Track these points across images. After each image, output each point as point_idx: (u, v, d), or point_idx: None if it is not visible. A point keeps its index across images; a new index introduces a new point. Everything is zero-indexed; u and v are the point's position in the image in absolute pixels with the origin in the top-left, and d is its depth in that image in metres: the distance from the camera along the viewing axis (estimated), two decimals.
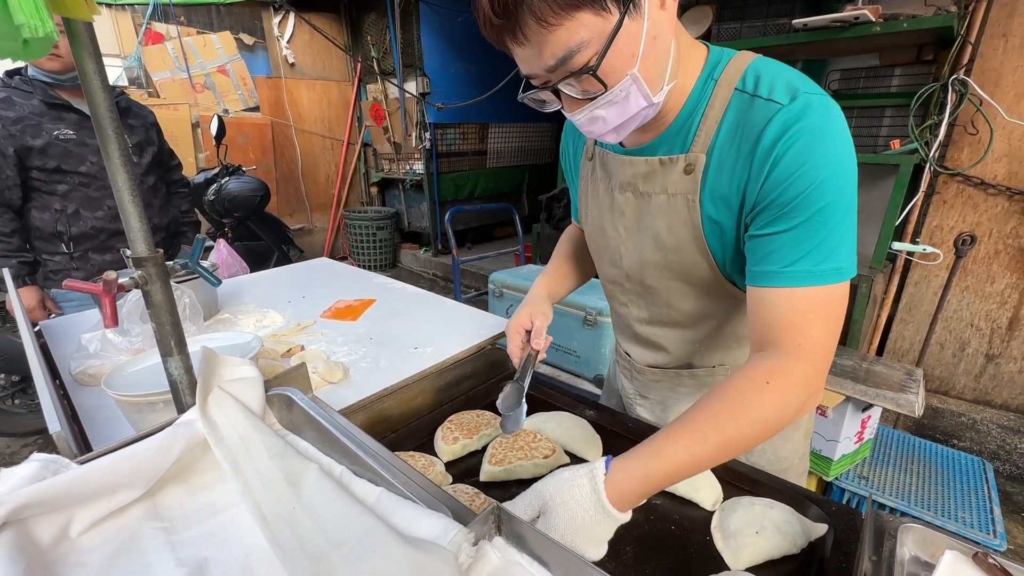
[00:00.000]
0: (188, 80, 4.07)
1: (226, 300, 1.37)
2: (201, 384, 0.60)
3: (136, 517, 0.51)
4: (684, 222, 0.71)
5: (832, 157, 0.58)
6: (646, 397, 0.96)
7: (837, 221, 0.60)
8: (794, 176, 0.59)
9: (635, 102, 0.62)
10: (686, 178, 0.69)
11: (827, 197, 0.58)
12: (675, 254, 0.74)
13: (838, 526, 0.68)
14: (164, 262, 0.55)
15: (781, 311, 0.61)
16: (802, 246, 0.60)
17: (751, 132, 0.62)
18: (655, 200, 0.73)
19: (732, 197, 0.66)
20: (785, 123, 0.59)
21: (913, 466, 1.75)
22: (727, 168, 0.65)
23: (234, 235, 3.30)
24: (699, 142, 0.67)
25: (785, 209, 0.60)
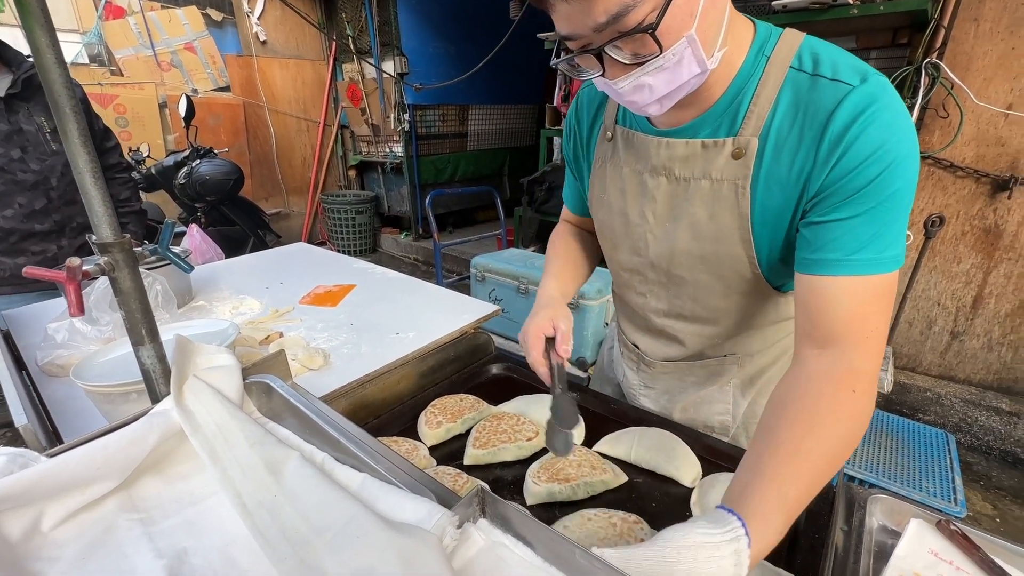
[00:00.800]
0: (153, 58, 3.89)
1: (201, 287, 1.34)
2: (175, 373, 0.59)
3: (111, 509, 0.50)
4: (730, 210, 0.66)
5: (906, 140, 0.55)
6: (651, 388, 0.94)
7: (903, 207, 0.57)
8: (868, 160, 0.55)
9: (688, 68, 0.56)
10: (735, 163, 0.64)
11: (897, 182, 0.55)
12: (713, 244, 0.70)
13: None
14: (132, 247, 0.53)
15: (845, 301, 0.58)
16: (867, 233, 0.57)
17: (817, 114, 0.58)
18: (695, 186, 0.68)
19: (791, 184, 0.61)
20: (858, 105, 0.55)
21: (882, 440, 1.82)
22: (787, 153, 0.61)
23: (207, 220, 3.20)
24: (750, 124, 0.62)
25: (855, 195, 0.57)
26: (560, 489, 0.71)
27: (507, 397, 0.95)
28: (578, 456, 0.76)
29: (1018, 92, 1.96)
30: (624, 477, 0.75)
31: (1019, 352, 2.20)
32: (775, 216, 0.64)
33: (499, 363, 1.08)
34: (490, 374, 1.06)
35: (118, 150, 1.86)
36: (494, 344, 1.12)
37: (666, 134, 0.69)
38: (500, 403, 0.94)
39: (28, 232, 1.52)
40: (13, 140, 1.46)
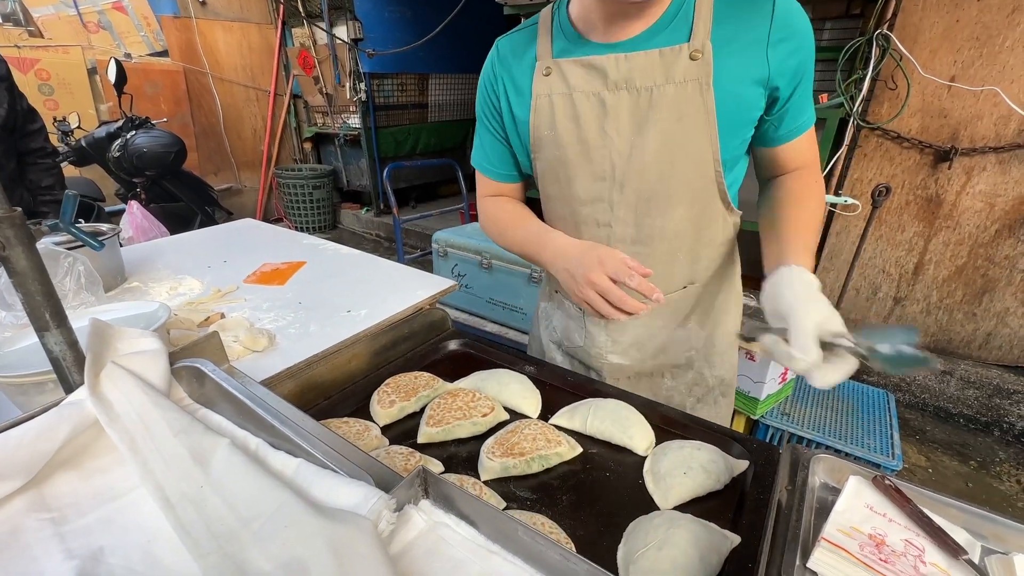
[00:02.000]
0: (78, 18, 3.56)
1: (136, 267, 1.25)
2: (90, 360, 0.54)
3: (18, 509, 0.46)
4: (696, 109, 0.72)
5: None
6: (619, 341, 0.94)
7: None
8: (805, 39, 0.71)
9: None
10: (695, 64, 0.70)
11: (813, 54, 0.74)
12: (682, 147, 0.75)
13: (758, 461, 0.72)
14: (24, 221, 0.47)
15: (805, 146, 0.81)
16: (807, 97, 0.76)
17: (758, 9, 0.70)
18: (659, 92, 0.73)
19: (749, 74, 0.71)
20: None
21: (828, 401, 1.91)
22: (737, 48, 0.71)
23: (148, 196, 3.00)
24: (700, 29, 0.70)
25: (802, 70, 0.73)
26: (515, 463, 0.70)
27: (464, 373, 0.93)
28: (532, 429, 0.75)
29: (960, 65, 2.03)
30: (579, 449, 0.75)
31: (953, 315, 2.34)
32: (736, 107, 0.73)
33: (456, 339, 1.05)
34: (447, 350, 1.04)
35: (43, 134, 1.69)
36: (450, 320, 1.09)
37: (613, 48, 0.74)
38: (457, 380, 0.92)
39: None
40: None
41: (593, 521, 0.64)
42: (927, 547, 0.55)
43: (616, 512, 0.65)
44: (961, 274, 2.27)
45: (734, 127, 0.75)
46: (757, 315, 1.68)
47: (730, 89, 0.71)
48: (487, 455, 0.71)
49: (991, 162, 2.07)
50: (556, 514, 0.64)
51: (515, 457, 0.70)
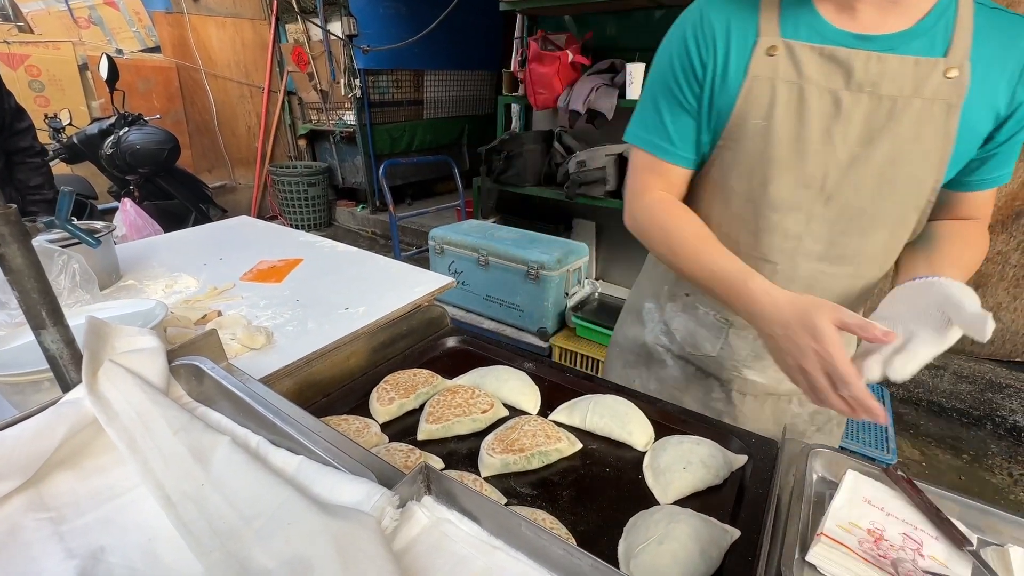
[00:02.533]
0: (68, 13, 3.51)
1: (131, 265, 1.24)
2: (88, 358, 0.54)
3: (17, 509, 0.45)
4: (936, 131, 0.66)
5: None
6: (762, 358, 0.85)
7: None
8: None
9: None
10: (948, 82, 0.63)
11: None
12: (908, 167, 0.68)
13: (756, 456, 0.73)
14: (19, 218, 0.47)
15: (985, 201, 0.76)
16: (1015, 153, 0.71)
17: (1010, 30, 0.64)
18: (904, 104, 0.65)
19: (990, 109, 0.65)
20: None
21: None
22: (998, 74, 0.64)
23: (142, 193, 2.98)
24: (959, 46, 0.63)
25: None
26: (515, 460, 0.70)
27: (463, 370, 0.93)
28: (532, 426, 0.75)
29: None
30: (579, 445, 0.75)
31: None
32: (973, 139, 0.67)
33: (454, 336, 1.05)
34: (445, 347, 1.04)
35: (31, 132, 1.67)
36: (449, 317, 1.09)
37: (875, 46, 0.65)
38: (455, 376, 0.92)
39: None
40: None
41: (594, 516, 0.64)
42: (925, 540, 0.55)
43: (616, 507, 0.65)
44: None
45: (963, 157, 0.69)
46: None
47: (972, 117, 0.65)
48: (487, 452, 0.71)
49: None
50: (557, 510, 0.65)
51: (515, 453, 0.70)
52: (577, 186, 2.55)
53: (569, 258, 2.20)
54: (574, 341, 2.23)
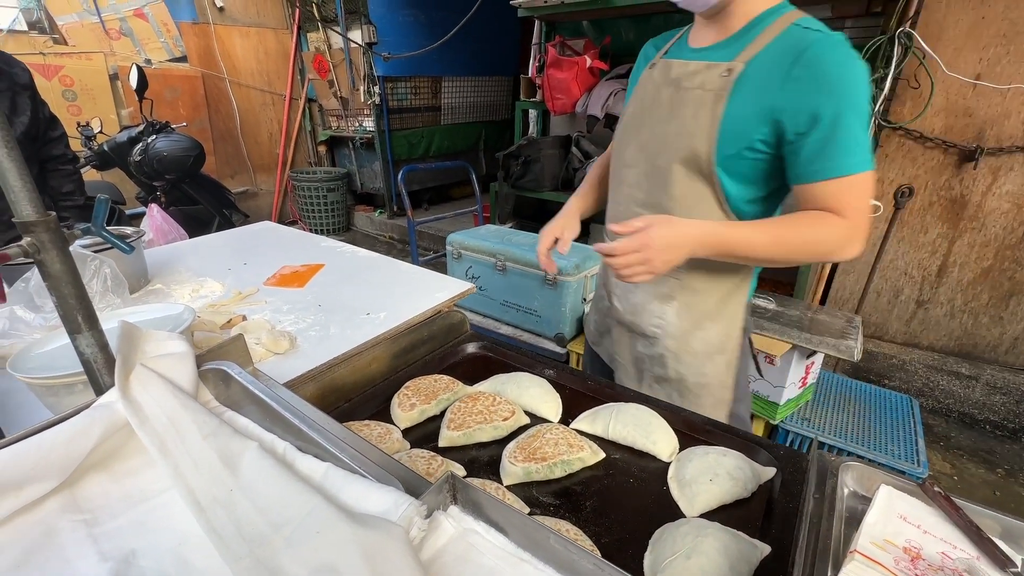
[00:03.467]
0: (100, 25, 3.63)
1: (158, 269, 1.27)
2: (120, 362, 0.55)
3: (52, 511, 0.46)
4: (707, 112, 0.86)
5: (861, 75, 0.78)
6: (616, 290, 1.10)
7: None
8: (832, 85, 0.77)
9: None
10: (722, 79, 0.85)
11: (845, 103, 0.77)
12: (688, 139, 0.89)
13: (785, 468, 0.71)
14: (58, 226, 0.48)
15: (826, 195, 0.81)
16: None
17: (802, 49, 0.78)
18: (690, 93, 0.89)
19: (769, 101, 0.81)
20: (833, 44, 0.78)
21: (850, 406, 1.88)
22: (767, 76, 0.81)
23: (168, 199, 3.05)
24: (746, 54, 0.84)
25: (828, 117, 0.77)
26: (537, 468, 0.69)
27: (483, 376, 0.93)
28: (554, 434, 0.74)
29: (986, 62, 1.98)
30: (601, 454, 0.74)
31: (979, 319, 2.29)
32: (745, 120, 0.84)
33: (474, 342, 1.05)
34: (465, 353, 1.04)
35: (64, 141, 1.72)
36: (468, 323, 1.09)
37: (690, 56, 0.92)
38: (476, 383, 0.92)
39: None
40: None
41: (618, 528, 0.63)
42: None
43: (641, 519, 0.64)
44: (987, 277, 2.21)
45: (732, 138, 0.85)
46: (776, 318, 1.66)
47: (739, 108, 0.84)
48: (509, 460, 0.71)
49: (1019, 162, 2.02)
50: (580, 520, 0.64)
51: (537, 462, 0.69)
52: None
53: (587, 263, 2.19)
54: None
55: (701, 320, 1.00)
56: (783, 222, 0.83)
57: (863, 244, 0.82)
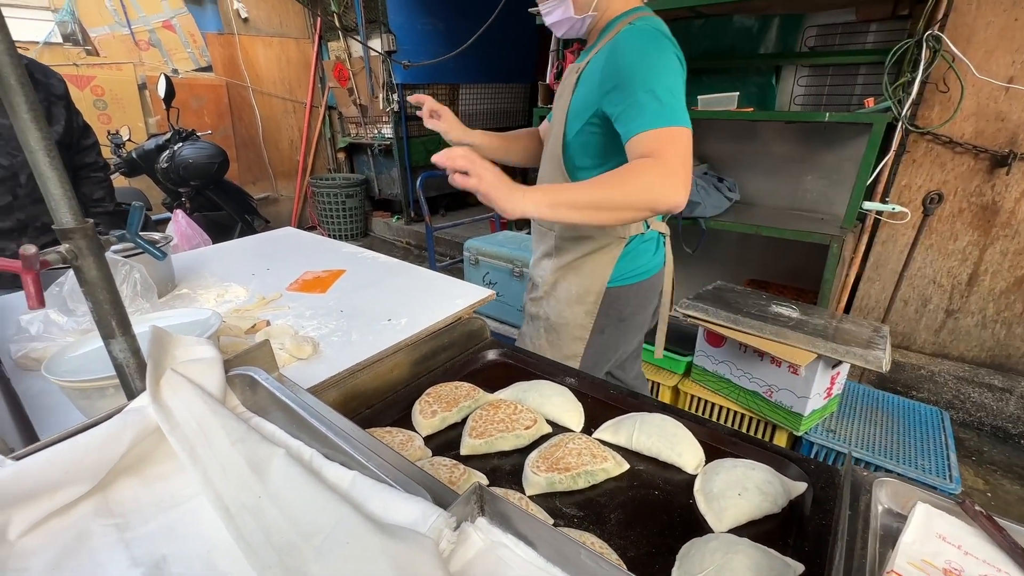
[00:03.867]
0: (131, 36, 3.75)
1: (184, 274, 1.29)
2: (151, 367, 0.55)
3: (85, 514, 0.47)
4: (566, 100, 1.11)
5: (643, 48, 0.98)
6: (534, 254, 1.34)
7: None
8: (621, 73, 0.97)
9: (566, 9, 1.08)
10: (575, 75, 1.10)
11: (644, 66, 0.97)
12: (554, 123, 1.16)
13: (816, 483, 0.68)
14: (95, 233, 0.49)
15: (641, 144, 0.95)
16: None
17: (610, 45, 1.01)
18: (565, 87, 1.14)
19: (595, 77, 1.03)
20: (633, 27, 1.00)
21: (877, 418, 1.82)
22: (597, 60, 1.04)
23: (192, 205, 3.12)
24: (590, 55, 1.07)
25: (621, 90, 0.97)
26: (560, 479, 0.68)
27: (503, 384, 0.93)
28: (577, 444, 0.73)
29: (1019, 65, 1.92)
30: (626, 465, 0.73)
31: (1013, 329, 2.21)
32: (583, 98, 1.07)
33: (495, 349, 1.05)
34: (486, 360, 1.03)
35: (96, 149, 1.77)
36: (489, 329, 1.09)
37: (579, 59, 1.15)
38: (496, 390, 0.91)
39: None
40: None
41: (644, 542, 0.62)
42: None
43: (667, 533, 0.63)
44: (1021, 286, 2.14)
45: (575, 118, 1.10)
46: (800, 327, 1.62)
47: (583, 90, 1.07)
48: (532, 469, 0.70)
49: None
50: (605, 533, 0.63)
51: (560, 472, 0.69)
52: None
53: None
54: None
55: (566, 273, 1.22)
56: (606, 174, 0.95)
57: (685, 190, 0.92)
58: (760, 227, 2.21)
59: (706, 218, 2.31)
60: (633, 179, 0.91)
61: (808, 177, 2.48)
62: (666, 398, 2.00)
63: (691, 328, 1.89)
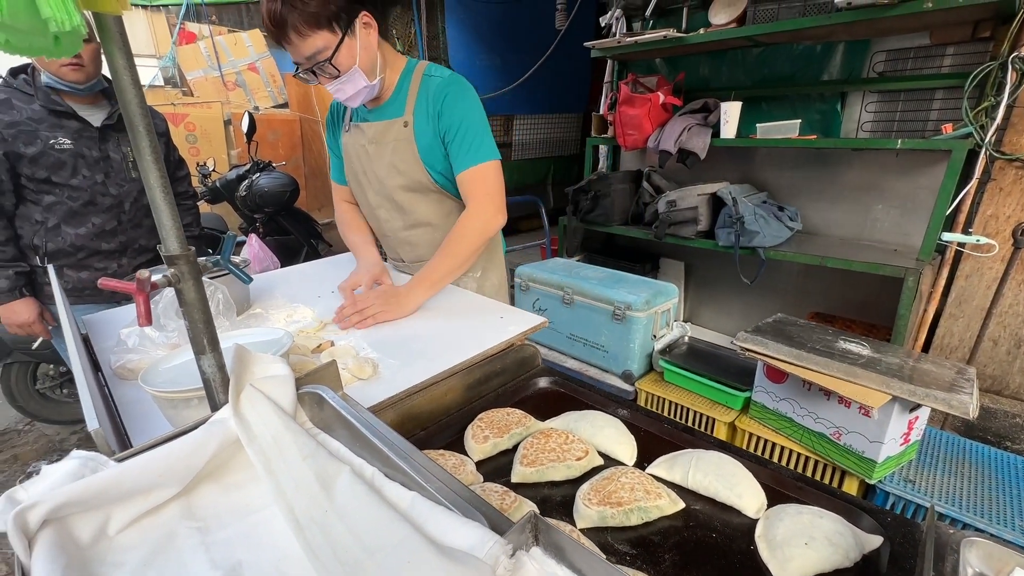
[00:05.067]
0: (220, 78, 4.16)
1: (257, 295, 1.39)
2: (234, 382, 0.60)
3: (172, 516, 0.51)
4: (410, 153, 1.29)
5: (468, 99, 1.27)
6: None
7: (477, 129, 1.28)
8: (451, 112, 1.24)
9: (360, 82, 1.18)
10: (405, 129, 1.28)
11: (470, 117, 1.27)
12: (406, 176, 1.33)
13: (894, 538, 0.64)
14: (196, 260, 0.55)
15: (468, 180, 1.30)
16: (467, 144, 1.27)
17: (432, 93, 1.25)
18: (389, 145, 1.30)
19: (431, 130, 1.27)
20: (446, 83, 1.26)
21: (964, 469, 1.65)
22: (424, 117, 1.26)
23: (265, 230, 3.36)
24: (408, 109, 1.27)
25: (454, 131, 1.26)
26: (612, 513, 0.67)
27: (554, 412, 0.93)
28: (630, 478, 0.72)
29: None
30: (681, 504, 0.71)
31: None
32: (429, 148, 1.29)
33: (546, 376, 1.05)
34: (537, 387, 1.04)
35: (187, 179, 1.99)
36: (540, 357, 1.09)
37: (372, 118, 1.33)
38: (547, 418, 0.91)
39: (95, 250, 1.64)
40: (99, 166, 1.59)
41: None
42: None
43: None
44: None
45: (433, 159, 1.31)
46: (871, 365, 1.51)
47: (423, 140, 1.28)
48: (583, 502, 0.69)
49: None
50: (659, 574, 0.61)
51: (613, 506, 0.67)
52: (667, 226, 2.49)
53: (658, 299, 2.13)
54: (662, 387, 2.12)
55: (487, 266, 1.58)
56: (445, 244, 1.29)
57: (502, 214, 1.38)
58: (825, 258, 2.10)
59: (765, 248, 2.23)
60: (465, 235, 1.29)
61: (879, 206, 2.35)
62: (721, 435, 1.90)
63: (749, 362, 1.81)
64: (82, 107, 1.57)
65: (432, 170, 1.31)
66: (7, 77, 1.53)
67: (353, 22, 1.11)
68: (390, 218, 1.42)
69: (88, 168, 1.57)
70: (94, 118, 1.59)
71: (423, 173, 1.30)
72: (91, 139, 1.57)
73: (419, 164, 1.29)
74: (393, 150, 1.29)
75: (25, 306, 1.58)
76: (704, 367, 2.02)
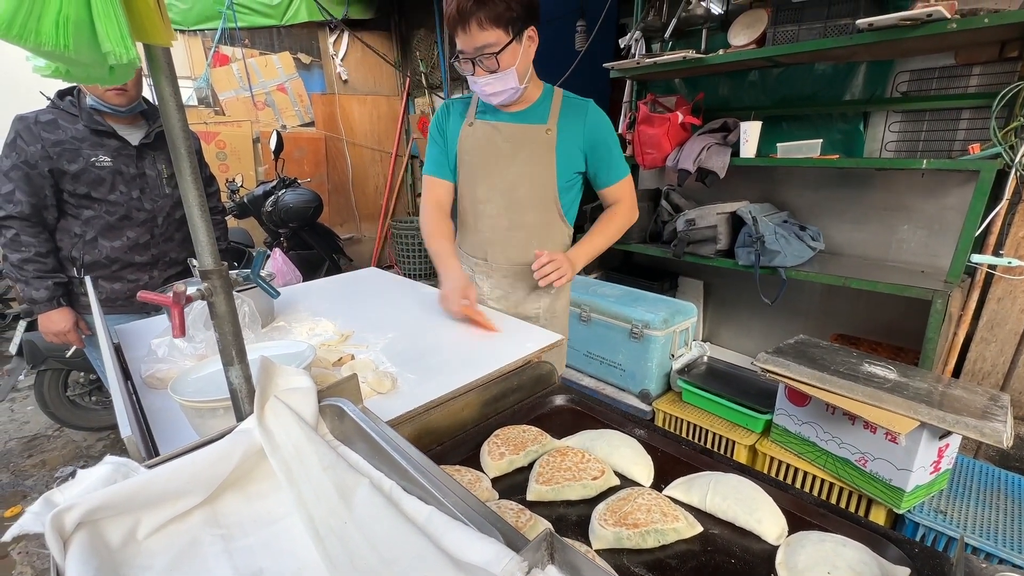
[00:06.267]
0: (251, 98, 4.31)
1: (281, 308, 1.43)
2: (259, 393, 0.62)
3: (197, 523, 0.53)
4: (546, 158, 1.40)
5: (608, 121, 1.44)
6: (496, 289, 1.55)
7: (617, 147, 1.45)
8: (600, 133, 1.42)
9: (511, 82, 1.29)
10: (547, 136, 1.39)
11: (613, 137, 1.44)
12: (533, 178, 1.42)
13: (921, 569, 0.61)
14: (228, 274, 0.57)
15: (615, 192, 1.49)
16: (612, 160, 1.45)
17: (578, 111, 1.41)
18: (527, 146, 1.40)
19: (576, 142, 1.41)
20: (593, 105, 1.43)
21: (999, 501, 1.58)
22: (569, 130, 1.40)
23: (289, 244, 3.44)
24: (552, 119, 1.39)
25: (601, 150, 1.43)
26: (628, 535, 0.67)
27: (570, 430, 0.93)
28: (647, 499, 0.71)
29: None
30: (699, 527, 0.70)
31: None
32: (568, 155, 1.41)
33: (562, 394, 1.05)
34: (553, 405, 1.04)
35: (217, 195, 2.08)
36: (557, 374, 1.10)
37: (511, 119, 1.41)
38: (563, 436, 0.91)
39: (128, 262, 1.71)
40: (136, 182, 1.67)
41: None
42: None
43: None
44: None
45: (568, 172, 1.44)
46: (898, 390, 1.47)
47: (563, 152, 1.40)
48: (599, 522, 0.69)
49: None
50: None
51: (629, 528, 0.67)
52: (686, 244, 2.48)
53: (676, 318, 2.12)
54: (679, 407, 2.09)
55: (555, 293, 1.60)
56: (601, 224, 1.49)
57: (637, 215, 1.55)
58: (848, 279, 2.06)
59: (786, 267, 2.20)
60: (619, 221, 1.50)
61: (904, 227, 2.30)
62: (741, 458, 1.86)
63: (770, 384, 1.78)
64: (122, 127, 1.66)
65: (560, 176, 1.42)
66: (55, 99, 1.62)
67: (523, 31, 1.24)
68: (497, 214, 1.46)
69: (125, 184, 1.65)
70: (132, 137, 1.67)
71: (551, 176, 1.41)
72: (129, 157, 1.65)
73: (551, 168, 1.40)
74: (530, 151, 1.39)
75: (62, 315, 1.64)
76: (724, 388, 1.99)
